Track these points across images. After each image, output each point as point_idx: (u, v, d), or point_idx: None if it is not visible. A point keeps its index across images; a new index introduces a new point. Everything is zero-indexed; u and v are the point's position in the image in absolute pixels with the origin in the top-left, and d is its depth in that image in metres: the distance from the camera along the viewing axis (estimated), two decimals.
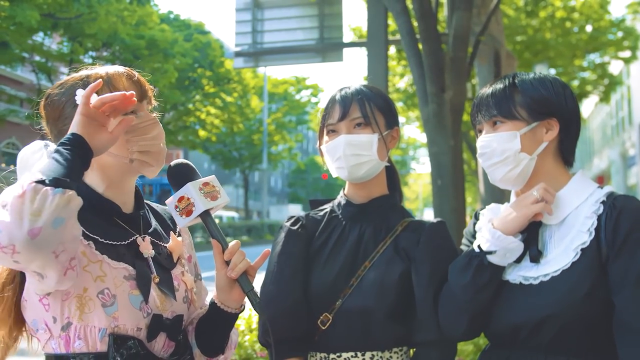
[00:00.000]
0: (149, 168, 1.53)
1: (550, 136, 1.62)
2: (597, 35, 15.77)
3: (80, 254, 1.39)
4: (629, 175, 27.93)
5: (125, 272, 1.45)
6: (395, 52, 12.88)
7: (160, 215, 1.72)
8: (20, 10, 15.59)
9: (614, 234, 1.49)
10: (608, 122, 33.42)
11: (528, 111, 1.61)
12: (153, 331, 1.46)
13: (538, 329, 1.51)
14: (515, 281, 1.59)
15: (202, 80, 29.36)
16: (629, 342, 1.43)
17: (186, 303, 1.59)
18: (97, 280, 1.40)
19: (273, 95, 41.02)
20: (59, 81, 1.57)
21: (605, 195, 1.58)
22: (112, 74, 1.52)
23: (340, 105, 1.81)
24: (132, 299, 1.43)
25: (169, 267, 1.58)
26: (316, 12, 8.62)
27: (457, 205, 5.22)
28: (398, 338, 1.73)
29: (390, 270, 1.73)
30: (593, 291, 1.47)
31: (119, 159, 1.50)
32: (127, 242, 1.50)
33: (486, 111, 1.66)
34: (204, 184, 1.50)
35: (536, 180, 1.63)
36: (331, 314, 1.73)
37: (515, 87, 1.65)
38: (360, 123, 1.79)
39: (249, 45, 8.86)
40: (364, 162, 1.78)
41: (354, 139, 1.77)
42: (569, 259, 1.52)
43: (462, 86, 5.27)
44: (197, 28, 31.34)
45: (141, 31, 21.78)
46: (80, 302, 1.38)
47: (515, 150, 1.60)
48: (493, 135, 1.64)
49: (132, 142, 1.49)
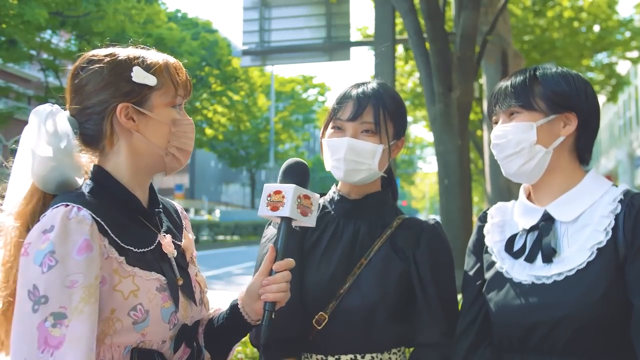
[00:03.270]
0: (176, 166, 1.49)
1: (567, 131, 1.58)
2: (605, 35, 15.70)
3: (111, 273, 1.31)
4: (636, 175, 27.78)
5: (157, 283, 1.38)
6: (403, 52, 12.86)
7: (168, 209, 1.63)
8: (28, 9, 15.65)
9: (633, 234, 1.45)
10: (615, 122, 33.26)
11: (547, 103, 1.58)
12: (179, 342, 1.43)
13: (553, 330, 1.47)
14: (527, 281, 1.55)
15: (209, 79, 29.42)
16: None
17: (201, 305, 1.54)
18: (129, 297, 1.32)
19: (280, 94, 41.04)
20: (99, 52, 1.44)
21: (622, 193, 1.54)
22: (173, 64, 1.47)
23: (354, 104, 1.73)
24: (164, 312, 1.38)
25: (185, 267, 1.52)
26: (324, 11, 8.63)
27: (463, 205, 5.22)
28: (397, 339, 1.70)
29: (390, 269, 1.69)
30: (610, 292, 1.44)
31: (155, 149, 1.43)
32: (154, 246, 1.43)
33: (504, 101, 1.62)
34: (305, 196, 1.49)
35: (551, 176, 1.60)
36: (327, 313, 1.66)
37: (536, 79, 1.61)
38: (369, 129, 1.73)
39: (256, 43, 8.88)
40: (362, 169, 1.73)
41: (359, 145, 1.71)
42: (584, 258, 1.48)
43: (469, 86, 5.27)
44: (205, 26, 31.42)
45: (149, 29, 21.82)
46: (107, 325, 1.30)
47: (531, 141, 1.56)
48: (509, 125, 1.59)
49: (175, 136, 1.45)
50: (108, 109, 1.39)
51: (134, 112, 1.40)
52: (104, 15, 17.81)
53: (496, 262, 1.65)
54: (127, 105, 1.39)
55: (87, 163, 1.46)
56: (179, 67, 1.49)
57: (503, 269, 1.62)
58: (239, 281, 13.28)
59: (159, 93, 1.43)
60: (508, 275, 1.60)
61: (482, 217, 1.79)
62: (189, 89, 1.51)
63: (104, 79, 1.39)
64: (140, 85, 1.40)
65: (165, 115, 1.43)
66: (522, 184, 1.73)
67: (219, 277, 13.94)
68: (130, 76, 1.39)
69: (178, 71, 1.47)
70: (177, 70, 1.47)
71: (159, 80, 1.42)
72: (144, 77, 1.40)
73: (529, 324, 1.50)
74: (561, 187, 1.60)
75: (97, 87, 1.40)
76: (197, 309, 1.51)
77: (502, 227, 1.71)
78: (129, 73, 1.39)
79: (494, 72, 8.10)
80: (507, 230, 1.69)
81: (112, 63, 1.41)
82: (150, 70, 1.41)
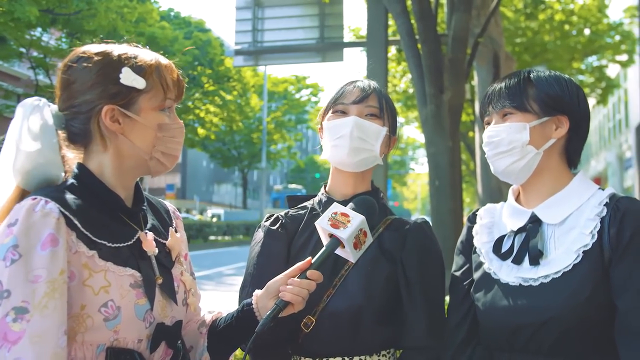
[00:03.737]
0: (161, 170, 1.47)
1: (559, 133, 1.61)
2: (595, 38, 15.81)
3: (80, 267, 1.29)
4: (626, 178, 27.98)
5: (131, 279, 1.35)
6: (395, 53, 12.89)
7: (157, 209, 1.60)
8: (19, 6, 15.53)
9: (618, 237, 1.47)
10: (605, 125, 33.50)
11: (540, 105, 1.60)
12: (156, 341, 1.39)
13: (539, 331, 1.48)
14: (515, 283, 1.56)
15: (201, 78, 29.31)
16: (631, 345, 1.41)
17: (184, 306, 1.51)
18: (100, 292, 1.29)
19: (273, 94, 40.98)
20: (92, 48, 1.42)
21: (608, 197, 1.55)
22: (165, 65, 1.44)
23: (360, 90, 1.78)
24: (137, 309, 1.34)
25: (169, 266, 1.49)
26: (317, 12, 8.63)
27: (454, 206, 5.24)
28: (386, 340, 1.69)
29: (377, 271, 1.68)
30: (595, 294, 1.45)
31: (140, 152, 1.41)
32: (132, 242, 1.40)
33: (497, 101, 1.64)
34: (365, 232, 1.52)
35: (539, 177, 1.62)
36: (314, 316, 1.65)
37: (530, 81, 1.63)
38: (374, 114, 1.77)
39: (249, 43, 8.87)
40: (365, 149, 1.74)
41: (365, 124, 1.74)
42: (570, 260, 1.49)
43: (460, 87, 5.29)
44: (198, 26, 31.32)
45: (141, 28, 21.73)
46: (77, 321, 1.28)
47: (523, 141, 1.58)
48: (502, 125, 1.61)
49: (161, 140, 1.42)
50: (94, 110, 1.38)
51: (120, 114, 1.38)
52: (96, 14, 17.70)
53: (484, 263, 1.66)
54: (113, 107, 1.37)
55: (72, 159, 1.44)
56: (170, 68, 1.46)
57: (491, 270, 1.63)
58: (229, 281, 13.25)
59: (148, 96, 1.40)
60: (495, 277, 1.61)
61: (472, 218, 1.80)
62: (180, 90, 1.48)
63: (91, 79, 1.38)
64: (128, 87, 1.37)
65: (152, 120, 1.41)
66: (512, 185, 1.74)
67: (209, 278, 13.91)
68: (118, 78, 1.37)
69: (169, 73, 1.45)
70: (168, 72, 1.44)
71: (148, 83, 1.40)
72: (132, 80, 1.37)
73: (516, 325, 1.52)
74: (549, 189, 1.62)
75: (85, 87, 1.38)
76: (179, 309, 1.48)
77: (490, 229, 1.72)
78: (117, 74, 1.37)
79: (485, 74, 8.13)
80: (496, 232, 1.70)
81: (101, 62, 1.38)
82: (140, 72, 1.39)
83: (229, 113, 31.08)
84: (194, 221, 29.59)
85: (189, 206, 50.57)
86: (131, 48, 1.44)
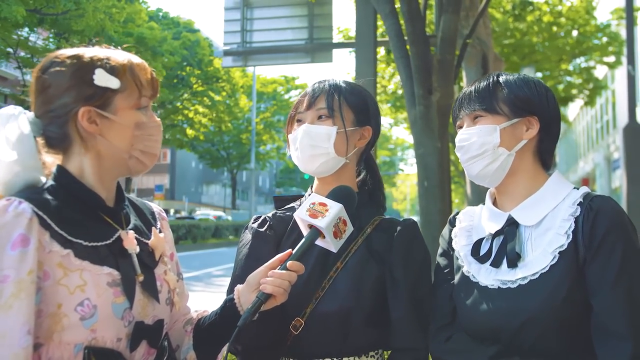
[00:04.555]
0: (141, 169, 1.48)
1: (530, 134, 1.62)
2: (583, 40, 15.93)
3: (54, 267, 1.29)
4: (613, 178, 28.21)
5: (109, 277, 1.36)
6: (385, 54, 12.91)
7: (140, 209, 1.61)
8: (5, 6, 15.42)
9: (591, 236, 1.49)
10: (593, 126, 33.75)
11: (510, 107, 1.62)
12: (136, 340, 1.39)
13: (518, 333, 1.49)
14: (493, 286, 1.57)
15: (190, 79, 29.24)
16: (606, 344, 1.43)
17: (169, 305, 1.51)
18: (75, 292, 1.30)
19: (262, 95, 40.96)
20: (64, 52, 1.43)
21: (582, 196, 1.57)
22: (138, 65, 1.45)
23: (309, 96, 1.78)
24: (115, 308, 1.34)
25: (151, 265, 1.49)
26: (306, 13, 8.62)
27: (443, 207, 5.25)
28: (374, 342, 1.69)
29: (365, 273, 1.68)
30: (572, 294, 1.47)
31: (118, 152, 1.42)
32: (111, 241, 1.41)
33: (468, 105, 1.66)
34: (344, 221, 1.52)
35: (513, 178, 1.63)
36: (303, 318, 1.64)
37: (499, 84, 1.65)
38: (323, 115, 1.74)
39: (237, 44, 8.85)
40: (319, 154, 1.72)
41: (312, 129, 1.73)
42: (547, 262, 1.51)
43: (449, 88, 5.30)
44: (186, 26, 31.22)
45: (129, 29, 21.64)
46: (53, 321, 1.28)
47: (494, 144, 1.60)
48: (473, 128, 1.63)
49: (139, 139, 1.43)
50: (71, 113, 1.38)
51: (97, 115, 1.39)
52: (83, 14, 17.61)
53: (463, 266, 1.67)
54: (89, 109, 1.38)
55: (52, 162, 1.45)
56: (143, 67, 1.46)
57: (470, 273, 1.64)
58: (218, 282, 13.21)
59: (123, 96, 1.41)
60: (474, 280, 1.62)
61: (452, 221, 1.82)
62: (155, 89, 1.49)
63: (66, 82, 1.38)
64: (102, 88, 1.38)
65: (129, 119, 1.42)
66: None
67: (198, 279, 13.86)
68: (92, 79, 1.38)
69: (143, 71, 1.45)
70: (141, 71, 1.45)
71: (122, 82, 1.40)
72: (106, 80, 1.38)
73: (495, 327, 1.53)
74: (524, 191, 1.63)
75: (60, 90, 1.39)
76: (161, 308, 1.48)
77: (469, 232, 1.73)
78: (91, 76, 1.38)
79: (474, 75, 8.17)
80: (475, 235, 1.71)
81: (74, 66, 1.39)
82: (113, 73, 1.39)
83: (217, 114, 31.01)
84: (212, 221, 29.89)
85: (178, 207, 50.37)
86: (103, 50, 1.45)
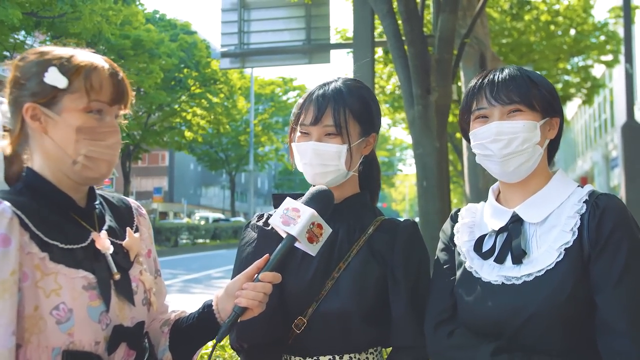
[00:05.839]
0: (91, 175, 1.43)
1: (552, 134, 1.62)
2: (581, 38, 15.93)
3: (32, 269, 1.29)
4: (612, 177, 28.24)
5: (84, 281, 1.35)
6: (382, 54, 12.92)
7: (116, 206, 1.58)
8: (1, 9, 15.39)
9: (597, 234, 1.48)
10: (591, 124, 33.79)
11: (543, 105, 1.59)
12: (114, 343, 1.38)
13: (522, 329, 1.49)
14: (497, 281, 1.56)
15: (188, 81, 29.21)
16: (609, 342, 1.43)
17: (145, 305, 1.50)
18: (50, 295, 1.29)
19: (260, 96, 40.95)
20: (40, 48, 1.45)
21: (588, 194, 1.56)
22: (99, 68, 1.42)
23: (314, 108, 1.73)
24: (91, 311, 1.34)
25: (126, 267, 1.47)
26: (303, 14, 8.63)
27: (442, 207, 5.24)
28: (374, 339, 1.71)
29: (367, 273, 1.69)
30: (577, 291, 1.46)
31: (62, 155, 1.39)
32: (86, 244, 1.40)
33: (506, 96, 1.57)
34: (319, 225, 1.51)
35: (531, 176, 1.62)
36: (306, 317, 1.66)
37: (531, 80, 1.60)
38: (331, 133, 1.72)
39: (235, 46, 8.85)
40: (329, 171, 1.73)
41: (322, 148, 1.71)
42: (553, 258, 1.50)
43: (447, 88, 5.29)
44: (183, 28, 31.20)
45: (126, 31, 21.61)
46: (31, 322, 1.27)
47: (535, 141, 1.57)
48: (518, 123, 1.56)
49: (81, 143, 1.39)
50: (19, 106, 1.40)
51: (42, 113, 1.39)
52: (80, 16, 17.58)
53: (465, 261, 1.67)
54: (34, 105, 1.38)
55: (27, 158, 1.46)
56: (105, 72, 1.43)
57: (472, 268, 1.63)
58: (218, 284, 13.19)
59: (72, 97, 1.39)
60: (477, 275, 1.61)
61: (454, 217, 1.81)
62: (118, 94, 1.44)
63: (22, 76, 1.41)
64: (51, 86, 1.38)
65: (73, 121, 1.39)
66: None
67: (198, 281, 13.84)
68: (43, 76, 1.38)
69: (101, 76, 1.42)
70: (100, 75, 1.42)
71: (74, 83, 1.39)
72: (54, 79, 1.38)
73: (498, 323, 1.53)
74: (531, 188, 1.63)
75: (15, 84, 1.42)
76: (139, 310, 1.47)
77: (471, 228, 1.72)
78: (44, 73, 1.38)
79: (472, 74, 8.16)
80: (477, 231, 1.70)
81: (34, 61, 1.41)
82: (67, 72, 1.38)
83: (215, 116, 31.00)
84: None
85: (177, 209, 50.35)
86: (76, 50, 1.45)
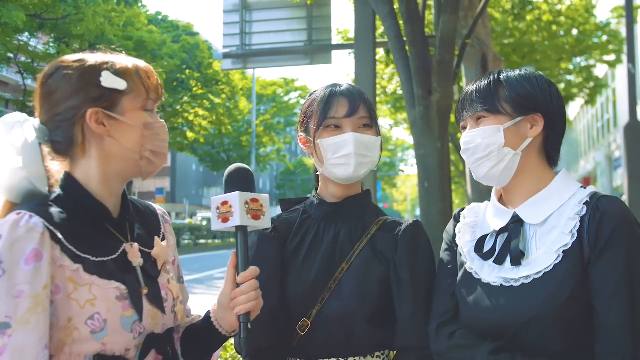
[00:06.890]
0: (152, 170, 1.48)
1: (534, 132, 1.60)
2: (583, 38, 15.90)
3: (65, 281, 1.30)
4: (615, 177, 28.17)
5: (117, 292, 1.36)
6: (384, 55, 12.91)
7: (143, 213, 1.61)
8: (5, 11, 15.42)
9: (597, 237, 1.47)
10: (594, 125, 33.72)
11: (512, 106, 1.59)
12: (146, 351, 1.41)
13: (521, 331, 1.48)
14: (496, 283, 1.56)
15: (190, 82, 29.21)
16: (607, 346, 1.43)
17: (173, 313, 1.53)
18: (86, 306, 1.31)
19: (261, 97, 40.92)
20: (67, 57, 1.44)
21: (589, 196, 1.55)
22: (144, 68, 1.46)
23: (348, 101, 1.73)
24: (124, 321, 1.36)
25: (155, 276, 1.49)
26: (305, 14, 8.62)
27: (444, 207, 5.24)
28: (380, 342, 1.69)
29: (370, 274, 1.69)
30: (575, 294, 1.45)
31: (129, 154, 1.42)
32: (117, 255, 1.41)
33: (470, 106, 1.64)
34: (253, 199, 1.46)
35: (521, 178, 1.61)
36: (310, 319, 1.66)
37: (500, 83, 1.63)
38: (367, 124, 1.75)
39: (237, 47, 8.85)
40: (367, 162, 1.73)
41: (365, 139, 1.72)
42: (551, 261, 1.49)
43: (449, 89, 5.29)
44: (186, 29, 31.22)
45: (129, 32, 21.65)
46: (65, 333, 1.29)
47: (499, 144, 1.58)
48: (476, 130, 1.61)
49: (148, 139, 1.44)
50: (77, 115, 1.38)
51: (105, 117, 1.39)
52: (83, 18, 17.62)
53: (466, 262, 1.66)
54: (97, 110, 1.38)
55: (58, 171, 1.44)
56: (149, 71, 1.48)
57: (472, 269, 1.63)
58: (220, 285, 13.13)
59: (130, 97, 1.42)
60: (477, 276, 1.61)
61: (457, 216, 1.81)
62: (159, 92, 1.50)
63: (72, 85, 1.39)
64: (110, 89, 1.39)
65: (137, 119, 1.42)
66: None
67: (200, 281, 13.85)
68: (99, 81, 1.38)
69: (149, 75, 1.47)
70: (147, 74, 1.46)
71: (129, 84, 1.41)
72: (113, 82, 1.39)
73: (497, 325, 1.52)
74: (530, 188, 1.62)
75: (67, 94, 1.39)
76: (168, 317, 1.49)
77: (473, 228, 1.72)
78: (97, 78, 1.38)
79: (474, 75, 8.16)
80: (479, 231, 1.70)
81: (81, 69, 1.40)
82: (120, 75, 1.40)
83: (217, 116, 30.99)
84: None
85: (179, 210, 50.35)
86: (108, 55, 1.46)
